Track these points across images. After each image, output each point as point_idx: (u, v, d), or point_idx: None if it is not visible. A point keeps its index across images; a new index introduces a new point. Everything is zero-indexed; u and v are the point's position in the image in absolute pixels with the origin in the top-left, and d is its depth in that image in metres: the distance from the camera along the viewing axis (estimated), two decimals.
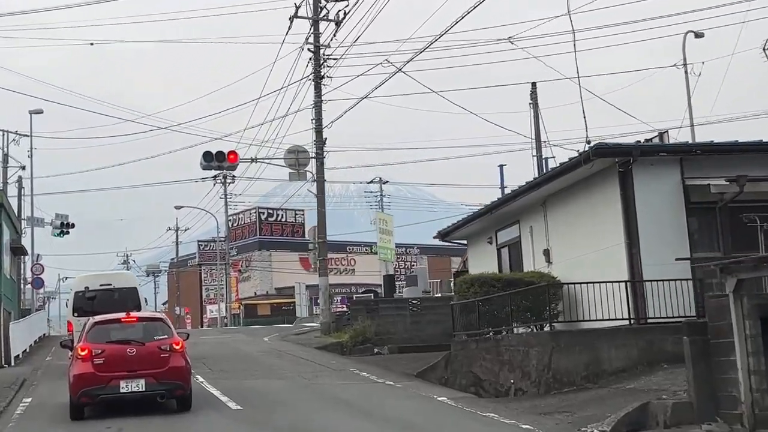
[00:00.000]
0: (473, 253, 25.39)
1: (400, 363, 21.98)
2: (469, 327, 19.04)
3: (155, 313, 16.35)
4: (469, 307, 18.98)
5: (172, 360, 14.20)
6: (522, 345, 15.93)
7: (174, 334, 14.71)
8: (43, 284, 48.94)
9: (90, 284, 22.15)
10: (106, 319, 14.95)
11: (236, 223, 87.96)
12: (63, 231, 49.63)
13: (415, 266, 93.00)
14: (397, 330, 27.66)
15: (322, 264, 33.25)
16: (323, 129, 33.75)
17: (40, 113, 46.06)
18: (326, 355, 25.16)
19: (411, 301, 28.91)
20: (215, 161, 31.98)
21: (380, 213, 37.39)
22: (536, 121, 36.75)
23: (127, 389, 13.86)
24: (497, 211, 21.97)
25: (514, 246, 22.30)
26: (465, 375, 18.14)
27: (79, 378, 13.84)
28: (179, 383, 14.15)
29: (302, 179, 33.74)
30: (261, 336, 33.58)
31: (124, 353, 14.00)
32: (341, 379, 18.84)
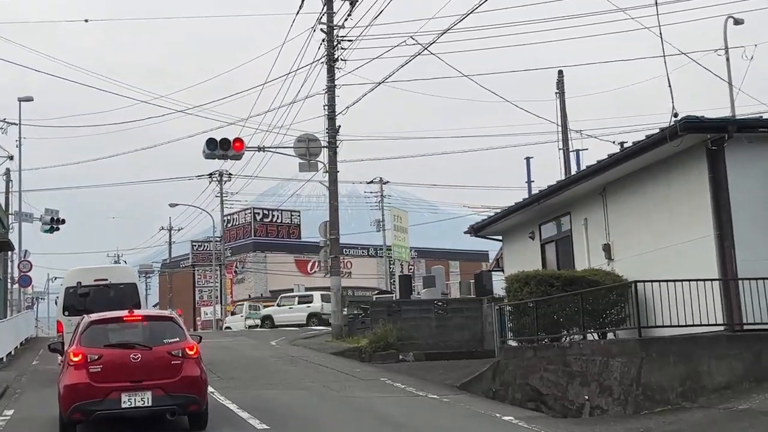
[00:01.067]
0: (510, 250, 22.87)
1: (434, 372, 19.42)
2: (522, 332, 16.51)
3: (164, 311, 13.73)
4: (522, 309, 16.46)
5: (184, 368, 11.62)
6: (599, 354, 13.40)
7: (187, 336, 12.13)
8: (31, 282, 46.10)
9: (83, 279, 19.49)
10: (105, 317, 12.33)
11: (230, 223, 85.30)
12: (53, 227, 46.84)
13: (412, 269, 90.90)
14: (421, 335, 25.10)
15: (334, 262, 30.66)
16: (336, 116, 31.23)
17: (29, 101, 43.35)
18: (345, 361, 22.57)
19: (436, 302, 26.34)
20: (219, 149, 29.34)
21: (395, 209, 34.90)
22: (563, 112, 34.26)
23: (130, 404, 11.27)
24: (544, 202, 19.48)
25: (563, 241, 19.81)
26: (520, 388, 15.62)
27: (71, 390, 11.26)
28: (193, 396, 11.58)
29: (313, 170, 31.11)
30: (267, 339, 30.96)
31: (127, 360, 11.41)
32: (374, 390, 16.28)
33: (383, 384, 17.31)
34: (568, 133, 34.19)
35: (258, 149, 31.24)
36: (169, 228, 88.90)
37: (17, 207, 45.41)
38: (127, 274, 20.27)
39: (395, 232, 33.33)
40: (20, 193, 43.78)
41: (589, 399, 13.32)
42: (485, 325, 25.23)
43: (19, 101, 43.08)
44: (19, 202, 43.75)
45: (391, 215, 33.51)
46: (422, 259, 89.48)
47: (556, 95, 34.39)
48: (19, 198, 43.67)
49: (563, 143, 34.02)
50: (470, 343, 25.07)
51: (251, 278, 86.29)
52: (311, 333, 33.97)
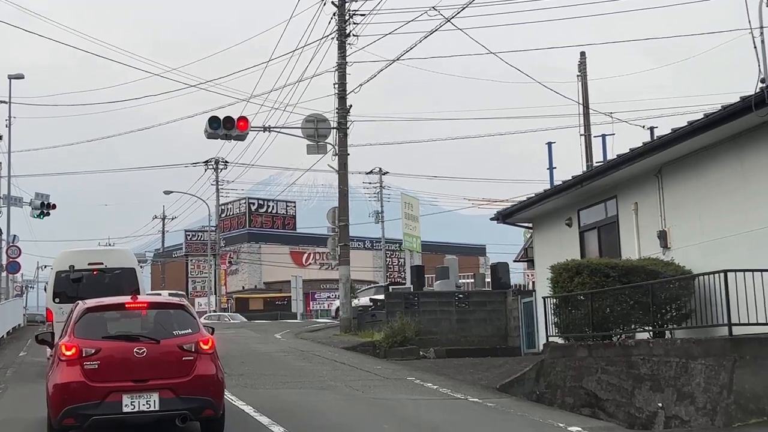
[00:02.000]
0: (542, 239, 21.02)
1: (464, 371, 17.59)
2: (570, 328, 14.66)
3: (173, 298, 11.71)
4: (572, 302, 14.61)
5: (198, 366, 9.73)
6: (676, 355, 11.55)
7: (201, 327, 10.24)
8: (20, 269, 43.96)
9: (76, 262, 17.55)
10: (103, 303, 10.42)
11: (225, 213, 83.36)
12: (43, 212, 44.67)
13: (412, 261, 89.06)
14: (440, 329, 23.30)
15: (343, 251, 28.80)
16: (347, 95, 29.34)
17: (20, 78, 41.31)
18: (360, 357, 20.74)
19: (457, 295, 24.50)
20: (222, 128, 27.40)
21: (405, 195, 32.96)
22: (585, 95, 32.40)
23: (133, 407, 9.38)
24: (586, 185, 17.63)
25: (607, 228, 17.97)
26: (571, 391, 13.78)
27: (63, 390, 9.37)
28: (208, 400, 9.69)
29: (321, 152, 29.18)
30: (270, 332, 29.10)
31: (130, 355, 9.51)
32: (404, 391, 14.43)
33: (412, 384, 15.46)
34: (589, 117, 32.36)
35: (263, 129, 29.35)
36: (163, 217, 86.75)
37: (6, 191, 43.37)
38: (125, 257, 18.31)
39: (406, 221, 31.45)
40: (9, 175, 41.72)
41: (664, 407, 11.49)
42: (509, 320, 23.47)
43: (9, 78, 41.04)
44: (8, 185, 41.67)
45: (402, 202, 31.59)
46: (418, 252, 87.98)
47: (577, 78, 32.51)
48: (8, 180, 41.62)
49: (585, 128, 32.16)
50: (493, 339, 23.32)
51: (245, 269, 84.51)
52: (316, 326, 32.14)
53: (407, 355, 21.32)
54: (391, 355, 21.58)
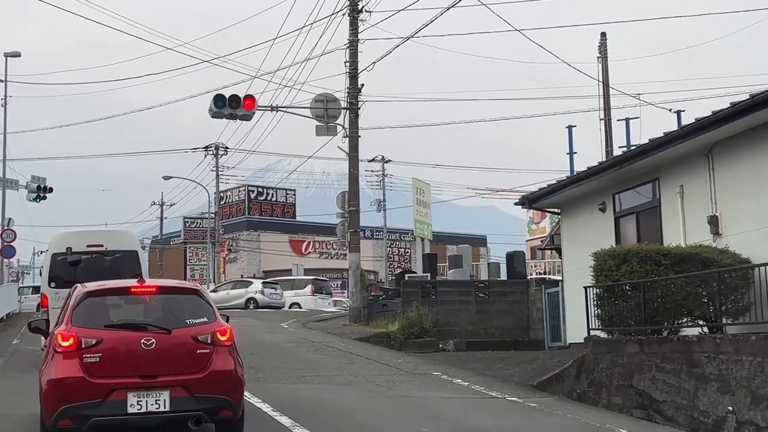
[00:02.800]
0: (571, 225, 19.70)
1: (491, 366, 16.33)
2: (616, 320, 13.35)
3: (185, 282, 10.28)
4: (619, 292, 13.31)
5: (215, 359, 8.44)
6: (750, 353, 10.26)
7: (217, 315, 8.92)
8: (15, 253, 42.48)
9: (74, 244, 16.20)
10: (106, 287, 9.10)
11: (224, 200, 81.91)
12: (40, 195, 43.27)
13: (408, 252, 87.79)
14: (459, 320, 22.02)
15: (353, 237, 27.48)
16: (359, 74, 27.98)
17: (17, 56, 39.88)
18: (376, 349, 19.46)
19: (477, 284, 23.22)
20: (228, 107, 26.05)
21: (417, 180, 31.60)
22: (605, 78, 31.05)
23: (140, 407, 8.09)
24: (624, 167, 16.31)
25: (647, 213, 16.67)
26: (620, 391, 12.49)
27: (59, 386, 8.07)
28: (225, 398, 8.40)
29: (331, 134, 27.82)
30: (275, 321, 27.79)
31: (136, 346, 8.21)
32: (433, 388, 13.16)
33: (439, 380, 14.19)
34: (610, 101, 31.04)
35: (270, 109, 27.99)
36: (161, 203, 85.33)
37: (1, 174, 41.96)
38: (126, 239, 16.95)
39: (417, 207, 30.18)
40: (4, 156, 40.33)
41: (735, 411, 10.21)
42: (532, 311, 22.19)
43: (5, 56, 39.61)
44: (3, 166, 40.26)
45: (413, 188, 30.30)
46: None
47: (598, 60, 31.16)
48: (3, 162, 40.21)
49: (605, 112, 30.83)
50: (514, 332, 22.06)
51: (244, 257, 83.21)
52: (323, 315, 30.85)
53: (425, 348, 20.05)
54: (407, 347, 20.31)
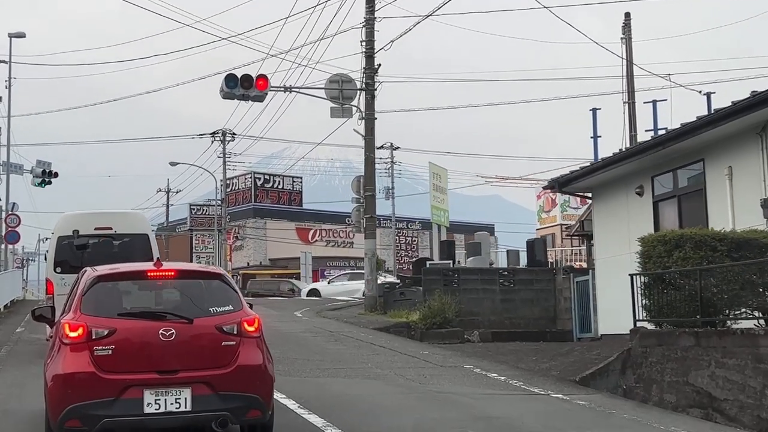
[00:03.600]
0: (604, 210, 18.70)
1: (525, 358, 15.36)
2: (666, 311, 12.35)
3: (208, 266, 9.17)
4: (669, 280, 12.32)
5: (242, 353, 7.46)
6: None
7: (243, 303, 7.94)
8: (19, 238, 41.54)
9: (81, 226, 15.23)
10: (118, 271, 8.12)
11: (230, 188, 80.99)
12: (45, 180, 42.28)
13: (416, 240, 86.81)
14: (482, 310, 21.08)
15: (369, 223, 26.51)
16: (376, 53, 26.96)
17: (21, 37, 38.89)
18: (397, 339, 18.50)
19: (501, 272, 22.24)
20: (240, 87, 25.11)
21: (434, 165, 30.57)
22: (629, 61, 29.98)
23: (158, 407, 7.13)
24: (666, 148, 15.31)
25: (690, 196, 15.69)
26: (673, 388, 11.51)
27: (66, 383, 7.11)
28: (254, 397, 7.43)
29: (346, 116, 26.85)
30: (288, 310, 26.88)
31: (154, 338, 7.23)
32: (467, 383, 12.19)
33: (472, 373, 13.21)
34: (634, 84, 29.95)
35: (283, 89, 27.01)
36: (167, 190, 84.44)
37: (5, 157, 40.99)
38: (137, 221, 15.96)
39: (434, 193, 29.18)
40: (8, 139, 39.38)
41: None
42: (559, 301, 21.22)
43: (9, 37, 38.63)
44: (7, 149, 39.32)
45: (430, 173, 29.30)
46: (427, 230, 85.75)
47: (621, 41, 30.08)
48: (8, 144, 39.27)
49: (629, 95, 29.75)
50: (541, 322, 21.11)
51: (250, 245, 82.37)
52: (337, 304, 29.91)
53: (448, 338, 19.10)
54: (428, 337, 19.36)
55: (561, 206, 70.82)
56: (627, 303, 16.99)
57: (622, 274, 17.43)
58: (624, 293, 17.23)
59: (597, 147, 29.26)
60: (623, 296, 17.34)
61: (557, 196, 69.66)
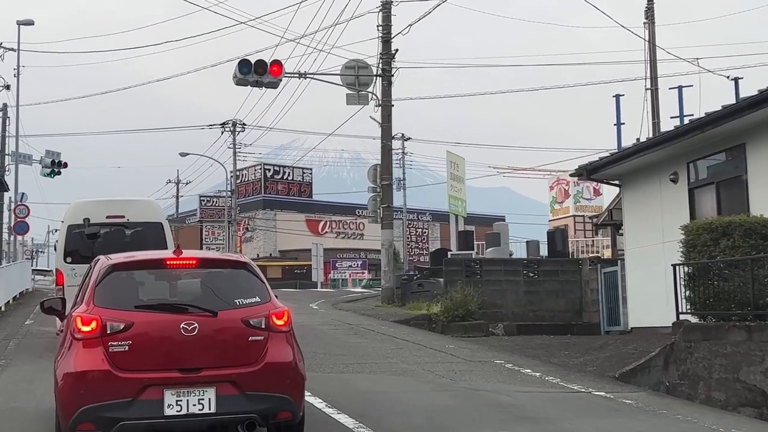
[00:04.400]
0: (635, 198, 17.96)
1: (555, 353, 14.67)
2: (712, 304, 11.64)
3: (232, 254, 8.50)
4: (715, 270, 11.60)
5: (270, 349, 6.80)
6: None
7: (271, 295, 7.28)
8: (28, 229, 41.05)
9: (92, 215, 14.59)
10: (135, 260, 7.47)
11: (240, 179, 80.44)
12: (54, 170, 41.72)
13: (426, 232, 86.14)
14: (505, 302, 20.39)
15: (386, 213, 25.84)
16: (393, 38, 26.26)
17: (30, 24, 38.27)
18: (420, 332, 17.83)
19: (525, 263, 21.55)
20: (253, 74, 24.46)
21: (451, 153, 29.90)
22: (652, 46, 29.14)
23: (180, 408, 6.47)
24: (705, 132, 14.55)
25: (729, 183, 14.94)
26: (722, 385, 10.81)
27: (78, 382, 6.46)
28: (284, 397, 6.77)
29: (362, 102, 26.21)
30: (303, 302, 26.27)
31: (174, 333, 6.57)
32: (502, 380, 11.51)
33: (504, 369, 12.53)
34: (657, 70, 29.13)
35: (298, 75, 26.39)
36: (177, 181, 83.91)
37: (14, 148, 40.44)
38: (150, 210, 15.31)
39: (452, 182, 28.52)
40: (17, 128, 38.87)
41: None
42: (585, 293, 20.51)
43: (18, 24, 38.04)
44: (16, 139, 38.79)
45: (447, 161, 28.63)
46: (437, 222, 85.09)
47: (644, 25, 29.22)
48: (16, 132, 38.73)
49: (651, 82, 28.92)
50: (566, 315, 20.41)
51: (260, 237, 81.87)
52: (352, 296, 29.27)
53: (472, 331, 18.42)
54: (450, 330, 18.69)
55: (574, 197, 70.08)
56: (659, 295, 16.33)
57: (655, 265, 16.78)
58: (656, 285, 16.56)
59: (620, 134, 28.51)
60: (655, 288, 16.70)
61: (570, 187, 68.93)
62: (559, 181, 71.47)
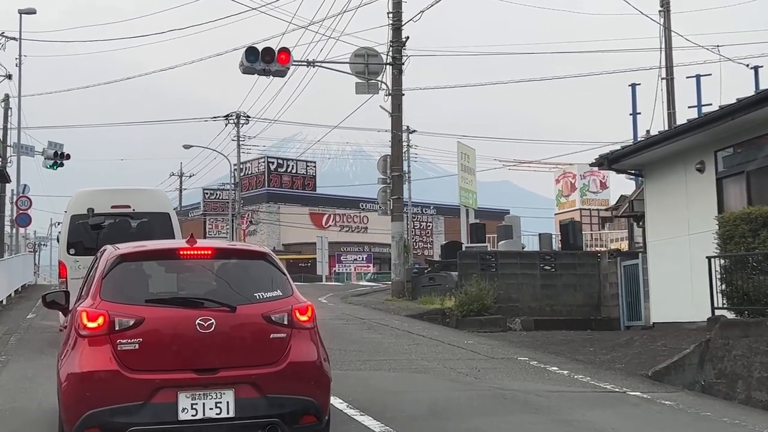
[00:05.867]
0: (658, 188, 17.33)
1: (580, 349, 14.09)
2: (752, 299, 11.04)
3: (251, 245, 7.99)
4: (754, 263, 11.00)
5: (293, 347, 6.23)
6: None
7: (294, 289, 6.68)
8: (30, 221, 40.46)
9: (96, 204, 13.99)
10: (145, 249, 6.87)
11: (243, 172, 79.87)
12: (56, 162, 41.09)
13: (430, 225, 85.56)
14: (521, 296, 19.78)
15: (396, 205, 25.24)
16: (403, 25, 25.62)
17: (32, 14, 37.62)
18: (435, 327, 17.28)
19: (542, 256, 20.94)
20: (261, 61, 23.85)
21: (462, 144, 29.28)
22: (668, 35, 28.49)
23: (195, 413, 5.89)
24: (736, 119, 13.91)
25: (760, 172, 14.31)
26: (764, 384, 10.21)
27: (84, 384, 5.88)
28: (308, 400, 6.19)
29: (372, 92, 25.59)
30: (312, 296, 25.36)
31: (189, 330, 5.98)
32: (528, 378, 10.93)
33: (530, 367, 11.94)
34: (672, 59, 28.47)
35: (306, 63, 25.75)
36: (180, 174, 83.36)
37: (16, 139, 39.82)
38: (157, 199, 14.71)
39: (462, 174, 27.93)
40: (19, 118, 38.23)
41: None
42: (604, 287, 19.90)
43: (19, 13, 37.38)
44: (18, 130, 38.17)
45: (458, 153, 28.03)
46: (441, 216, 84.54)
47: (660, 14, 28.56)
48: (18, 123, 38.11)
49: (667, 71, 28.26)
50: (584, 309, 19.82)
51: (263, 230, 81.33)
52: (361, 290, 28.70)
53: (488, 326, 17.82)
54: (465, 325, 18.09)
55: (580, 190, 69.58)
56: (684, 289, 15.75)
57: (679, 257, 16.19)
58: (681, 278, 15.96)
59: (636, 124, 27.90)
60: (680, 282, 16.11)
61: (577, 180, 68.35)
62: (565, 175, 70.95)
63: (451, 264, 23.43)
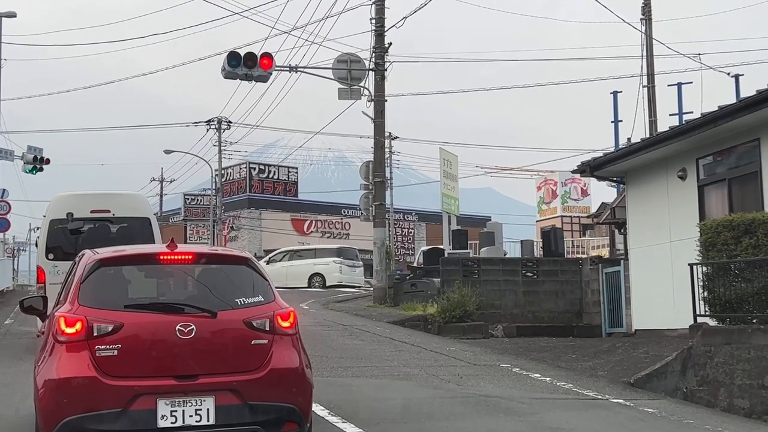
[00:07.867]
0: (639, 195, 17.37)
1: (562, 356, 14.07)
2: (733, 305, 11.05)
3: (232, 249, 7.88)
4: (736, 271, 11.02)
5: (275, 353, 6.16)
6: None
7: (275, 294, 6.60)
8: (9, 226, 40.06)
9: (75, 209, 13.83)
10: (125, 254, 6.78)
11: (225, 177, 79.53)
12: (36, 167, 40.71)
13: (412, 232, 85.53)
14: (504, 303, 19.75)
15: (378, 211, 25.16)
16: (386, 31, 25.57)
17: (12, 17, 37.31)
18: (417, 334, 17.19)
19: (525, 262, 20.93)
20: (243, 67, 23.68)
21: (444, 150, 29.23)
22: (649, 43, 28.65)
23: (174, 420, 5.81)
24: (718, 126, 13.97)
25: (742, 180, 14.37)
26: (746, 391, 10.22)
27: (61, 391, 5.78)
28: (290, 407, 6.12)
29: (354, 97, 25.47)
30: (293, 301, 25.26)
31: (169, 335, 5.91)
32: (511, 385, 10.88)
33: (512, 373, 11.90)
34: (654, 67, 28.62)
35: (288, 69, 25.55)
36: (161, 179, 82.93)
37: None
38: (137, 204, 14.57)
39: (444, 180, 27.90)
40: None
41: None
42: (586, 294, 19.92)
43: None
44: None
45: (440, 159, 28.02)
46: (423, 222, 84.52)
47: (641, 21, 28.73)
48: None
49: (648, 79, 28.41)
50: (566, 316, 19.83)
51: (245, 236, 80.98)
52: (342, 296, 28.57)
53: (470, 333, 17.79)
54: (447, 331, 18.05)
55: (562, 198, 69.77)
56: (666, 296, 15.79)
57: (661, 264, 16.23)
58: (663, 285, 16.00)
59: (618, 132, 28.00)
60: (661, 289, 16.15)
61: (558, 187, 68.59)
62: (546, 182, 71.19)
63: (433, 270, 23.39)
